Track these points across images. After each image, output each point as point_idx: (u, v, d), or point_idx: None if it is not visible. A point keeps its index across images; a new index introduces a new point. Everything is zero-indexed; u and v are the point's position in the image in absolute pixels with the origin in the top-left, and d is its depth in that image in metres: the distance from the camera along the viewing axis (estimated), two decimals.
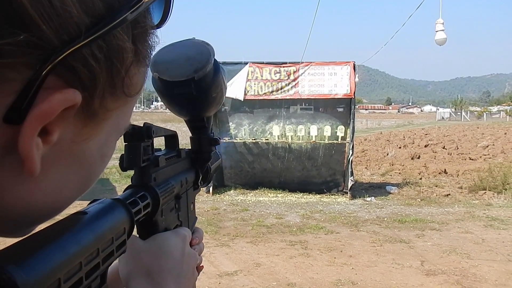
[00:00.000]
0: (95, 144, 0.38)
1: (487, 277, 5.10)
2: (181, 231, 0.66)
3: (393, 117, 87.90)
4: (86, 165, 0.39)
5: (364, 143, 22.30)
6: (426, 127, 43.08)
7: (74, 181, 0.38)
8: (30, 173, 0.31)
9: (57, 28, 0.29)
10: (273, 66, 9.60)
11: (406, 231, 7.02)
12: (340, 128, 9.77)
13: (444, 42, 10.18)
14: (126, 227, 0.45)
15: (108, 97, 0.35)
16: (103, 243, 0.39)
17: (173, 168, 0.67)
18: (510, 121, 59.24)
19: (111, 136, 0.41)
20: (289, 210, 8.46)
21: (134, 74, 0.38)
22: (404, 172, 13.03)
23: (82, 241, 0.35)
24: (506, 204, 8.99)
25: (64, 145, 0.34)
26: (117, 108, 0.38)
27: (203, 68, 0.65)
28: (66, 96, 0.31)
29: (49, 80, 0.30)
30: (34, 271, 0.29)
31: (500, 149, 18.56)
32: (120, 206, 0.45)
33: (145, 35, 0.38)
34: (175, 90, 0.66)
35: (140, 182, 0.57)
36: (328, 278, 5.10)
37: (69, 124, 0.34)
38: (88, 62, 0.31)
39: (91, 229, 0.37)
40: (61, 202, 0.38)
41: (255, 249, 6.08)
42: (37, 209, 0.36)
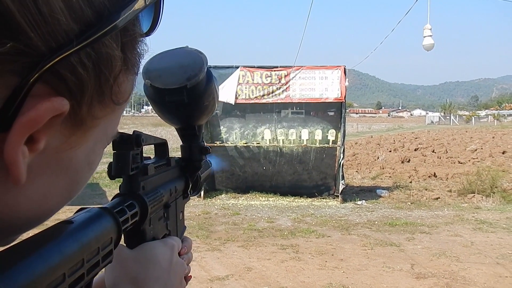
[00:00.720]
0: (82, 152, 0.38)
1: (476, 280, 5.15)
2: (169, 241, 0.65)
3: (383, 121, 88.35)
4: (73, 172, 0.38)
5: (354, 147, 22.39)
6: (416, 131, 43.36)
7: (61, 189, 0.38)
8: (15, 181, 0.31)
9: (45, 35, 0.28)
10: (264, 70, 9.62)
11: (396, 234, 7.07)
12: (331, 132, 9.81)
13: (431, 47, 10.28)
14: (113, 237, 0.44)
15: (96, 105, 0.35)
16: (88, 253, 0.38)
17: (162, 177, 0.66)
18: (498, 125, 59.81)
19: (99, 144, 0.41)
20: (280, 214, 8.48)
21: (123, 82, 0.38)
22: (395, 176, 13.11)
23: (66, 251, 0.34)
24: (494, 207, 9.08)
25: (50, 153, 0.34)
26: (105, 116, 0.38)
27: (196, 76, 0.64)
28: (54, 104, 0.30)
29: (37, 88, 0.29)
30: (14, 282, 0.28)
31: (488, 153, 18.74)
32: (107, 215, 0.44)
33: (134, 43, 0.37)
34: (167, 98, 0.65)
35: (128, 190, 0.57)
36: (319, 282, 5.12)
37: (56, 132, 0.33)
38: (76, 70, 0.31)
39: (75, 239, 0.37)
40: (47, 210, 0.38)
41: (247, 253, 6.08)
42: (22, 217, 0.35)
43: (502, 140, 27.26)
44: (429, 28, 10.16)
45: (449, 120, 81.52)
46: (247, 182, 10.28)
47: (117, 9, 0.33)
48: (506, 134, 35.22)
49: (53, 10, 0.29)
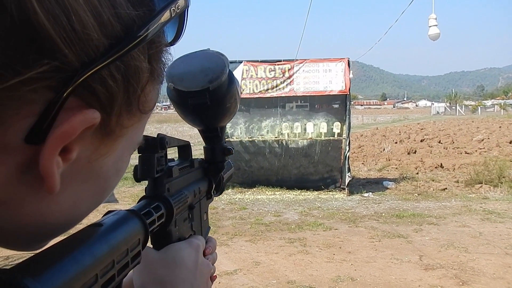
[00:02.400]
0: (111, 160, 0.39)
1: (485, 270, 5.13)
2: (195, 241, 0.66)
3: (389, 112, 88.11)
4: (102, 180, 0.40)
5: (360, 139, 22.34)
6: (421, 122, 43.19)
7: (90, 195, 0.39)
8: (50, 191, 0.32)
9: (78, 51, 0.30)
10: (267, 64, 9.60)
11: (404, 226, 7.05)
12: (336, 124, 9.79)
13: (437, 37, 10.21)
14: (140, 238, 0.45)
15: (124, 115, 0.36)
16: (118, 254, 0.39)
17: (186, 178, 0.67)
18: (504, 115, 59.46)
19: (126, 151, 0.42)
20: (287, 208, 8.48)
21: (149, 92, 0.39)
22: (401, 167, 13.07)
23: (97, 253, 0.35)
24: (502, 197, 9.03)
25: (82, 162, 0.35)
26: (132, 124, 0.39)
27: (218, 78, 0.65)
28: (86, 116, 0.32)
29: (70, 101, 0.30)
30: (50, 283, 0.29)
31: (495, 143, 18.64)
32: (134, 218, 0.46)
33: (160, 53, 0.38)
34: (190, 100, 0.66)
35: (154, 192, 0.58)
36: (327, 274, 5.12)
37: (87, 142, 0.35)
38: (106, 83, 0.32)
39: (106, 241, 0.38)
40: (77, 216, 0.39)
41: (254, 248, 6.09)
42: (53, 224, 0.37)
43: (509, 130, 27.11)
44: (434, 18, 10.09)
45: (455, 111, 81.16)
46: (253, 176, 10.28)
47: (144, 23, 0.34)
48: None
49: (86, 27, 0.30)
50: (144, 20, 0.34)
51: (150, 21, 0.34)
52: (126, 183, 10.40)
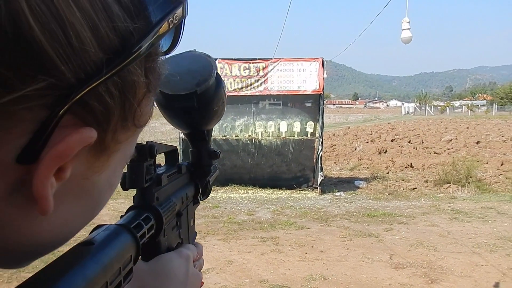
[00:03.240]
0: (104, 176, 0.37)
1: (453, 268, 5.26)
2: (184, 251, 0.64)
3: (360, 112, 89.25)
4: (95, 196, 0.38)
5: (332, 138, 22.57)
6: (392, 121, 43.92)
7: (83, 212, 0.38)
8: (43, 213, 0.31)
9: (75, 67, 0.28)
10: (242, 62, 9.59)
11: (375, 225, 7.16)
12: (310, 123, 9.86)
13: (409, 40, 10.39)
14: (132, 255, 0.43)
15: (119, 130, 0.35)
16: (111, 275, 0.37)
17: (174, 185, 0.65)
18: (472, 116, 61.04)
19: (120, 166, 0.41)
20: (260, 206, 8.49)
21: (145, 106, 0.37)
22: (372, 167, 13.26)
23: (90, 276, 0.34)
24: (469, 197, 9.27)
25: (75, 180, 0.34)
26: (127, 139, 0.37)
27: (206, 81, 0.64)
28: (83, 135, 0.30)
29: (65, 119, 0.29)
30: None
31: (463, 143, 19.13)
32: (125, 233, 0.44)
33: (156, 65, 0.37)
34: (177, 104, 0.64)
35: (142, 202, 0.56)
36: (300, 273, 5.15)
37: (82, 159, 0.33)
38: (103, 99, 0.31)
39: (98, 261, 0.36)
40: (68, 234, 0.38)
41: (227, 247, 6.08)
42: (44, 243, 0.35)
43: (476, 130, 27.86)
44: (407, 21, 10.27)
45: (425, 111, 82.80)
46: (226, 174, 10.25)
47: (142, 36, 0.32)
48: (480, 124, 36.02)
49: (83, 42, 0.28)
50: (142, 33, 0.32)
51: (148, 34, 0.32)
52: None
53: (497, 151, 16.67)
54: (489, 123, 37.89)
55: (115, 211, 7.85)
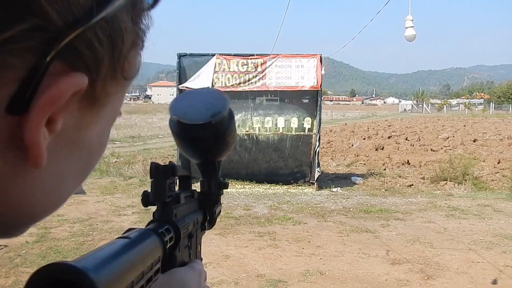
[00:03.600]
0: (95, 131, 0.37)
1: (449, 265, 5.28)
2: (197, 266, 0.67)
3: (357, 109, 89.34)
4: (87, 153, 0.38)
5: (329, 134, 22.60)
6: (389, 118, 44.00)
7: (75, 171, 0.37)
8: (36, 165, 0.30)
9: (62, 9, 0.27)
10: (240, 58, 9.58)
11: (371, 221, 7.17)
12: (307, 119, 9.86)
13: (413, 38, 10.38)
14: (160, 256, 0.47)
15: (109, 81, 0.34)
16: (145, 266, 0.40)
17: (188, 207, 0.70)
18: (469, 114, 61.20)
19: (108, 124, 0.40)
20: (256, 202, 8.49)
21: (133, 57, 0.37)
22: (369, 163, 13.29)
23: (133, 261, 0.36)
24: (466, 194, 9.30)
25: (67, 133, 0.33)
26: (116, 92, 0.37)
27: (220, 113, 0.67)
28: (74, 80, 0.30)
29: (54, 65, 0.28)
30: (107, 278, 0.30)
31: (460, 141, 19.18)
32: (155, 235, 0.47)
33: (142, 16, 0.37)
34: (192, 133, 0.68)
35: (163, 216, 0.60)
36: (296, 268, 5.16)
37: (73, 111, 0.32)
38: (92, 45, 0.30)
39: (136, 251, 0.38)
40: (61, 196, 0.37)
41: (224, 241, 6.08)
42: (37, 205, 0.35)
43: (473, 129, 27.95)
44: (410, 19, 10.23)
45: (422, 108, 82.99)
46: (223, 169, 9.76)
47: None
48: (477, 122, 36.13)
49: None
50: None
51: None
52: (94, 175, 10.20)
53: (494, 149, 16.73)
54: (486, 121, 38.02)
55: (113, 206, 7.85)
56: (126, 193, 9.04)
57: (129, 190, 9.34)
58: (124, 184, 9.90)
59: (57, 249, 5.60)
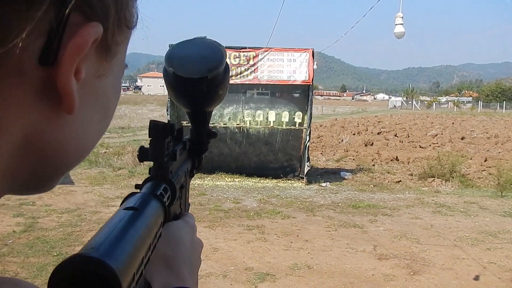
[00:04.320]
0: (110, 81, 0.40)
1: (435, 261, 5.35)
2: (190, 220, 0.69)
3: (348, 104, 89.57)
4: (105, 101, 0.41)
5: (319, 129, 22.65)
6: (379, 114, 44.18)
7: (97, 119, 0.40)
8: (70, 111, 0.33)
9: None
10: (232, 50, 9.54)
11: (359, 216, 7.23)
12: (298, 114, 9.88)
13: (402, 35, 10.44)
14: (162, 221, 0.48)
15: (116, 31, 0.37)
16: (152, 238, 0.41)
17: (180, 160, 0.70)
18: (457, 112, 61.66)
19: (119, 72, 0.43)
20: (246, 195, 8.52)
21: (131, 7, 0.40)
22: (358, 159, 13.36)
23: (143, 237, 0.37)
24: (453, 191, 9.40)
25: (89, 82, 0.36)
26: (123, 42, 0.40)
27: (217, 68, 0.67)
28: (92, 28, 0.32)
29: (73, 17, 0.31)
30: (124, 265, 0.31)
31: (448, 138, 19.34)
32: (156, 201, 0.48)
33: None
34: (188, 86, 0.68)
35: (160, 175, 0.60)
36: (284, 262, 5.19)
37: (92, 60, 0.35)
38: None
39: (145, 225, 0.39)
40: (89, 143, 0.40)
41: (213, 234, 6.10)
42: (71, 152, 0.38)
43: (461, 126, 28.19)
44: (400, 17, 10.30)
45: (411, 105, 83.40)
46: (213, 162, 10.24)
47: None
48: (465, 120, 36.44)
49: None
50: None
51: None
52: (83, 165, 10.15)
53: (481, 147, 16.91)
54: (474, 119, 38.36)
55: (101, 197, 7.84)
56: (115, 184, 9.01)
57: (118, 181, 9.32)
58: (113, 175, 9.87)
59: (45, 239, 5.57)
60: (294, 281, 4.73)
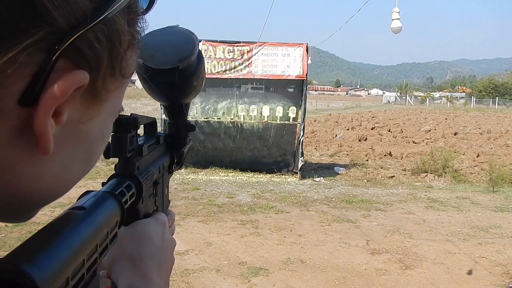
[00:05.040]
0: (97, 125, 0.40)
1: (427, 256, 5.39)
2: (161, 218, 0.67)
3: (342, 99, 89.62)
4: (90, 145, 0.40)
5: (313, 124, 22.68)
6: (373, 110, 44.27)
7: (80, 160, 0.40)
8: (44, 152, 0.33)
9: (66, 14, 0.31)
10: (226, 45, 9.52)
11: (353, 211, 7.27)
12: (292, 109, 9.89)
13: (399, 30, 10.44)
14: (118, 220, 0.46)
15: (108, 79, 0.37)
16: (100, 238, 0.40)
17: (152, 155, 0.68)
18: (451, 107, 61.89)
19: (110, 117, 0.43)
20: (240, 190, 8.53)
21: (130, 57, 0.40)
22: (352, 154, 13.40)
23: (84, 238, 0.36)
24: (445, 186, 9.46)
25: (71, 125, 0.36)
26: (115, 89, 0.40)
27: (188, 57, 0.65)
28: (77, 76, 0.32)
29: (60, 63, 0.31)
30: (47, 269, 0.29)
31: (441, 134, 19.43)
32: (112, 199, 0.46)
33: (137, 19, 0.40)
34: (159, 78, 0.66)
35: (124, 171, 0.59)
36: (278, 257, 5.21)
37: (76, 104, 0.35)
38: (93, 45, 0.33)
39: (90, 225, 0.38)
40: (67, 183, 0.40)
41: (206, 228, 6.11)
42: (45, 190, 0.37)
43: (454, 122, 28.32)
44: (397, 11, 10.31)
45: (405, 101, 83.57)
46: (206, 157, 10.24)
47: None
48: (458, 116, 36.60)
49: None
50: None
51: None
52: None
53: (473, 143, 17.00)
54: (467, 115, 38.55)
55: None
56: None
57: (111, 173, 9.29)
58: (107, 169, 9.83)
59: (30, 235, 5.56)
60: (287, 275, 4.75)
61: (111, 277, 0.61)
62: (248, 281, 4.57)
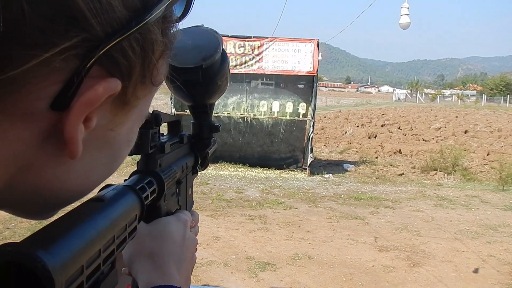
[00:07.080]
0: (124, 130, 0.41)
1: (435, 253, 5.38)
2: (182, 216, 0.68)
3: (352, 96, 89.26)
4: (115, 149, 0.41)
5: (323, 121, 22.64)
6: (383, 107, 44.05)
7: (104, 164, 0.41)
8: (72, 156, 0.34)
9: (103, 22, 0.31)
10: (237, 39, 9.52)
11: (361, 208, 7.27)
12: (302, 105, 9.89)
13: (407, 26, 10.40)
14: (137, 214, 0.46)
15: (139, 86, 0.38)
16: (118, 230, 0.40)
17: (176, 154, 0.68)
18: (461, 105, 61.37)
19: (137, 123, 0.44)
20: (249, 185, 8.56)
21: (161, 66, 0.40)
22: (361, 151, 13.37)
23: (101, 229, 0.37)
24: (454, 184, 9.42)
25: (99, 130, 0.37)
26: (144, 96, 0.40)
27: (212, 56, 0.66)
28: (110, 84, 0.33)
29: (94, 70, 0.32)
30: (60, 257, 0.30)
31: (451, 132, 19.30)
32: (132, 193, 0.47)
33: (171, 28, 0.40)
34: (183, 76, 0.66)
35: (146, 168, 0.59)
36: (285, 252, 5.24)
37: (106, 111, 0.36)
38: (127, 53, 0.34)
39: (108, 216, 0.39)
40: (90, 184, 0.41)
41: (215, 223, 6.15)
42: (69, 190, 0.39)
43: (465, 120, 28.10)
44: (406, 7, 10.28)
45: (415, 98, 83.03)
46: (216, 152, 10.22)
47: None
48: (469, 114, 36.30)
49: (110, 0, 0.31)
50: None
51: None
52: None
53: (484, 141, 16.87)
54: (478, 113, 38.21)
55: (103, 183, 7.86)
56: (118, 171, 8.93)
57: (120, 168, 9.16)
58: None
59: (46, 223, 5.63)
60: (294, 271, 4.77)
61: (132, 274, 0.62)
62: (256, 276, 4.60)
